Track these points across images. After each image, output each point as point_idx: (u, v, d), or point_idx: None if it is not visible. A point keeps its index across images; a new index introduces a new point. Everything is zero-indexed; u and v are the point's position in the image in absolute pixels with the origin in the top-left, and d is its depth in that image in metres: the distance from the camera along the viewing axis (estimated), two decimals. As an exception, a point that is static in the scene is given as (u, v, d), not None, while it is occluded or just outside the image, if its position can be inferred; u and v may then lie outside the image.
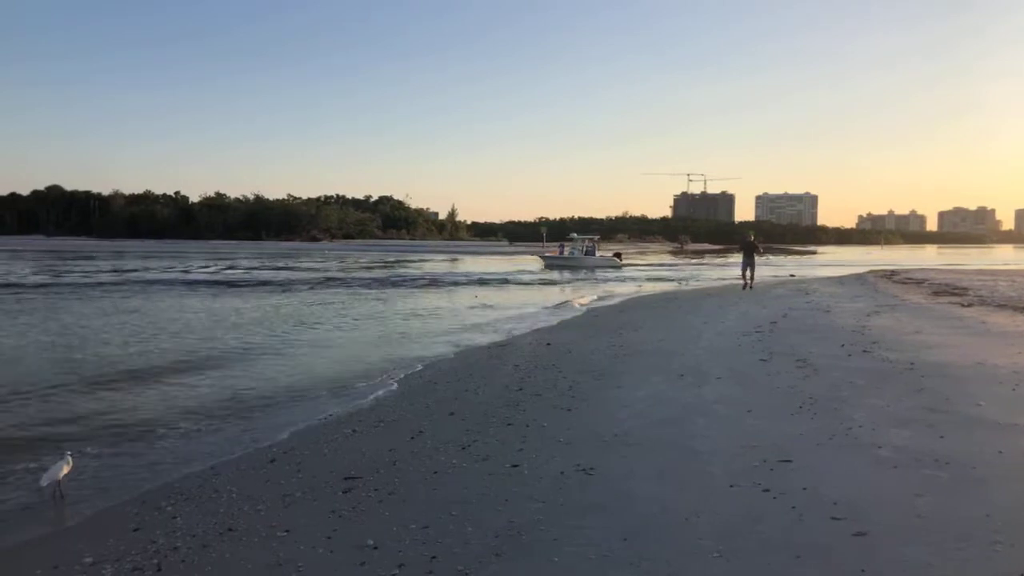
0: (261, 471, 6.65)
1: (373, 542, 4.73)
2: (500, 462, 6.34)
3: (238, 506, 5.67)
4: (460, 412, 8.43)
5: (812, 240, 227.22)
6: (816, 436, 6.64)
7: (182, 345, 15.08)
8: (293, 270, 49.41)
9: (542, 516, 5.02)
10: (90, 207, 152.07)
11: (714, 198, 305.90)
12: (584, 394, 9.07)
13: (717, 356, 11.53)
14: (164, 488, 6.35)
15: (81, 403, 9.85)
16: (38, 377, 11.48)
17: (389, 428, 7.99)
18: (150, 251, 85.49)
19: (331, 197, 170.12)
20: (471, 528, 4.87)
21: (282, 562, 4.54)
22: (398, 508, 5.36)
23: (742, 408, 7.91)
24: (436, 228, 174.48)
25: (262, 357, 13.71)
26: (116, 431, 8.43)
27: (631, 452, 6.48)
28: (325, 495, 5.79)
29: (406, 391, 10.24)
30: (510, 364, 11.73)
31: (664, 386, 9.36)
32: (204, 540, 5.00)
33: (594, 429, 7.32)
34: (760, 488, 5.31)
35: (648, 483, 5.61)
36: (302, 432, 8.24)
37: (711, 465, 5.96)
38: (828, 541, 4.36)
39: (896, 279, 30.03)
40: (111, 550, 4.93)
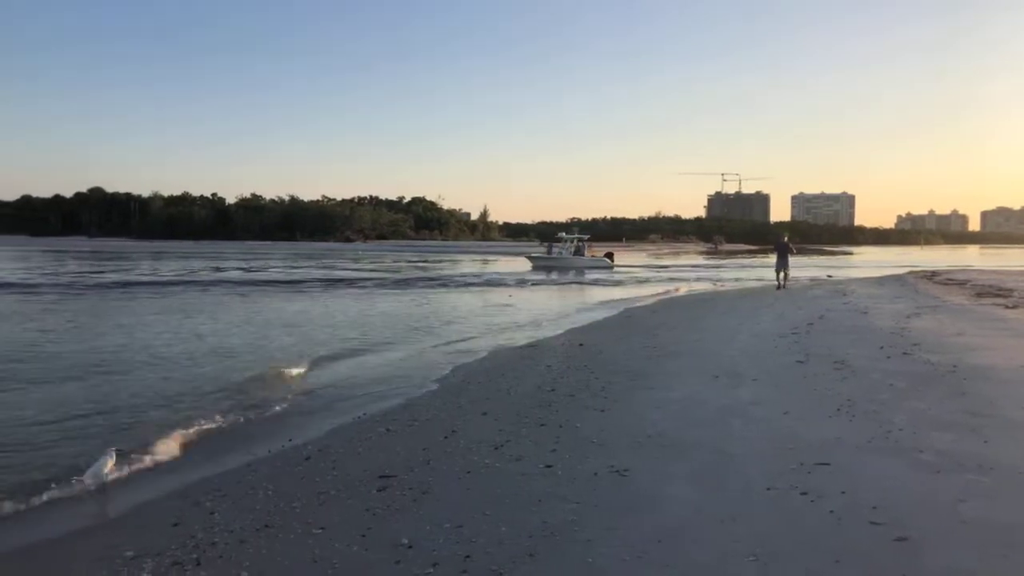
0: (296, 468, 6.72)
1: (407, 541, 4.76)
2: (533, 462, 6.33)
3: (274, 503, 5.74)
4: (493, 412, 8.44)
5: (849, 240, 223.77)
6: (855, 439, 6.53)
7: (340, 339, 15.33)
8: (364, 271, 49.87)
9: (576, 517, 5.00)
10: (130, 209, 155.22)
11: (749, 198, 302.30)
12: (617, 395, 9.02)
13: (753, 357, 11.40)
14: (202, 483, 6.45)
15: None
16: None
17: (423, 427, 8.02)
18: (203, 252, 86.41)
19: (365, 198, 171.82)
20: (505, 528, 4.87)
21: (317, 559, 4.59)
22: (432, 507, 5.38)
23: (778, 410, 7.81)
24: (468, 229, 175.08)
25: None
26: (159, 425, 8.59)
27: (665, 454, 6.43)
28: (360, 493, 5.83)
29: (439, 390, 10.27)
30: (543, 364, 11.71)
31: (699, 387, 9.28)
32: (241, 536, 5.06)
33: (628, 430, 7.28)
34: (797, 491, 5.23)
35: (683, 485, 5.56)
36: (337, 430, 8.31)
37: (747, 467, 5.89)
38: (868, 546, 4.28)
39: (937, 280, 29.41)
40: (151, 544, 5.02)
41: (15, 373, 11.80)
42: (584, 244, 56.87)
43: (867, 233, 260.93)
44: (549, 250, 57.43)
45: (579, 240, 57.22)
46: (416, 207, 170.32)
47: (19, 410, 9.35)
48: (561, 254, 55.59)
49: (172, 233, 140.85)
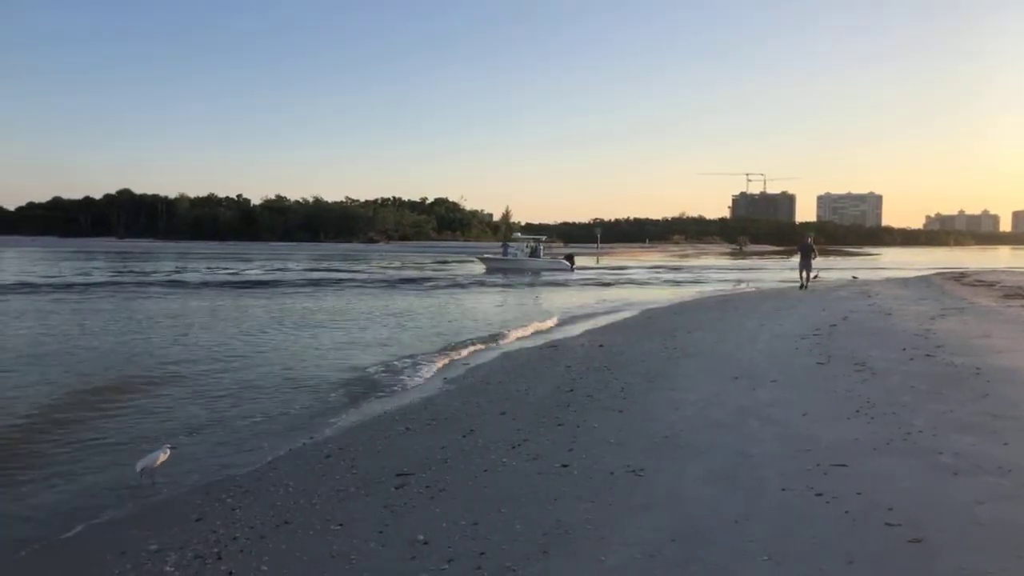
0: (316, 466, 6.82)
1: (424, 537, 4.83)
2: (550, 462, 6.38)
3: (294, 500, 5.85)
4: (511, 412, 8.49)
5: (876, 241, 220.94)
6: (873, 441, 6.49)
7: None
8: (402, 271, 50.28)
9: (591, 516, 5.04)
10: (158, 210, 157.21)
11: (774, 198, 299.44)
12: (636, 396, 9.03)
13: (773, 359, 11.34)
14: (225, 480, 6.58)
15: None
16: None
17: (441, 426, 8.10)
18: (237, 253, 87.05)
19: (387, 199, 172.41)
20: (520, 526, 4.92)
21: (336, 555, 4.67)
22: (449, 505, 5.45)
23: (797, 411, 7.78)
24: (490, 229, 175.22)
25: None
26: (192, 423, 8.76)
27: (682, 454, 6.44)
28: (378, 491, 5.92)
29: (458, 390, 10.35)
30: (562, 365, 11.75)
31: (718, 389, 9.26)
32: (262, 532, 5.17)
33: (645, 431, 7.30)
34: (813, 492, 5.22)
35: (698, 485, 5.58)
36: (356, 428, 8.42)
37: (763, 468, 5.88)
38: (882, 547, 4.27)
39: (965, 281, 28.97)
40: (174, 538, 5.15)
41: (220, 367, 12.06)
42: (540, 245, 52.53)
43: (895, 234, 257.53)
44: (504, 251, 52.92)
45: (535, 240, 52.98)
46: (438, 208, 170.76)
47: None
48: (516, 255, 51.22)
49: (198, 234, 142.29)
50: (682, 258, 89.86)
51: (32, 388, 10.75)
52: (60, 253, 75.27)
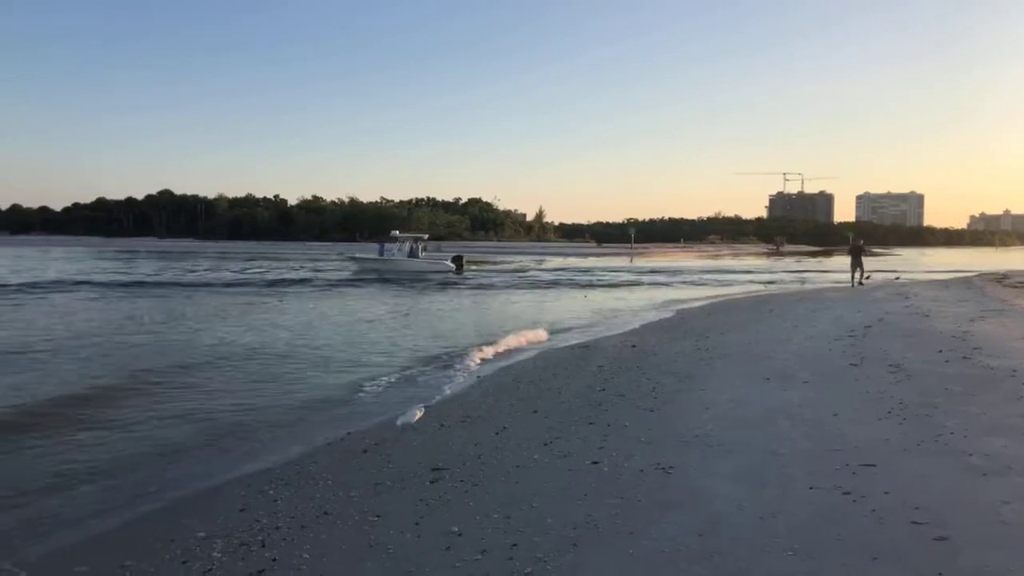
0: (354, 460, 7.05)
1: (458, 529, 5.00)
2: (580, 459, 6.51)
3: (333, 492, 6.07)
4: (543, 410, 8.64)
5: (918, 242, 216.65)
6: (903, 441, 6.52)
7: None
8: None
9: (620, 511, 5.17)
10: (197, 210, 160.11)
11: (812, 198, 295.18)
12: (667, 396, 9.13)
13: (805, 360, 11.34)
14: (266, 472, 6.84)
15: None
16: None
17: (474, 424, 8.28)
18: (275, 252, 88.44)
19: (422, 199, 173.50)
20: (550, 519, 5.07)
21: (373, 544, 4.87)
22: (482, 499, 5.62)
23: (827, 412, 7.81)
24: (523, 230, 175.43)
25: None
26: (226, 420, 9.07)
27: (711, 452, 6.54)
28: (413, 484, 6.12)
29: (491, 388, 10.53)
30: (594, 365, 11.87)
31: (749, 389, 9.31)
32: (303, 522, 5.39)
33: (675, 430, 7.40)
34: (840, 491, 5.29)
35: (727, 483, 5.68)
36: (391, 424, 8.65)
37: (791, 467, 5.96)
38: (907, 544, 4.34)
39: (1007, 283, 28.44)
40: (220, 527, 5.39)
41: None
42: (419, 245, 47.09)
43: (937, 234, 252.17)
44: (381, 251, 46.80)
45: (415, 240, 47.38)
46: (472, 208, 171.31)
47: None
48: (393, 255, 45.92)
49: (236, 234, 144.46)
50: (717, 258, 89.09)
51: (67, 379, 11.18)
52: (105, 252, 77.18)
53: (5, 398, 10.01)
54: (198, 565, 4.72)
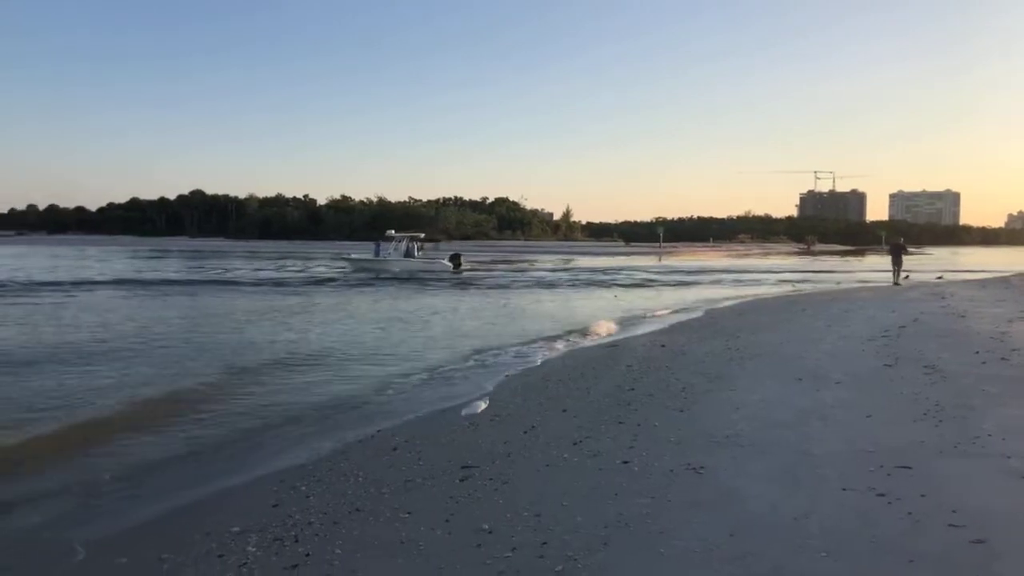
0: (384, 458, 7.11)
1: (488, 527, 5.03)
2: (610, 458, 6.50)
3: (364, 489, 6.12)
4: (572, 409, 8.64)
5: (953, 241, 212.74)
6: (939, 443, 6.42)
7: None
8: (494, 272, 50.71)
9: (650, 510, 5.15)
10: (228, 210, 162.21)
11: (843, 196, 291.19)
12: (697, 396, 9.07)
13: (838, 360, 11.20)
14: (299, 468, 6.92)
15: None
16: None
17: (504, 422, 8.31)
18: (305, 252, 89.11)
19: (449, 199, 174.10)
20: (580, 518, 5.07)
21: (405, 541, 4.91)
22: (511, 497, 5.64)
23: (861, 413, 7.72)
24: (550, 229, 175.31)
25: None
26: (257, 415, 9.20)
27: (742, 453, 6.49)
28: (443, 482, 6.15)
29: (519, 387, 10.54)
30: (623, 364, 11.83)
31: (780, 389, 9.23)
32: (335, 518, 5.45)
33: (706, 430, 7.35)
34: (875, 493, 5.23)
35: (758, 483, 5.63)
36: (421, 422, 8.71)
37: (824, 468, 5.90)
38: (944, 547, 4.28)
39: (1047, 283, 27.80)
40: (254, 521, 5.47)
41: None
42: (415, 244, 46.73)
43: (973, 233, 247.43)
44: (377, 250, 46.42)
45: (411, 239, 46.86)
46: (499, 208, 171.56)
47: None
48: (390, 255, 45.41)
49: (266, 233, 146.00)
50: (746, 258, 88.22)
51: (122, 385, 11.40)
52: (140, 251, 78.54)
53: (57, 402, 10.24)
54: (234, 559, 4.79)
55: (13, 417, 8.97)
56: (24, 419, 8.89)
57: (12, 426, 8.58)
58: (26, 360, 13.04)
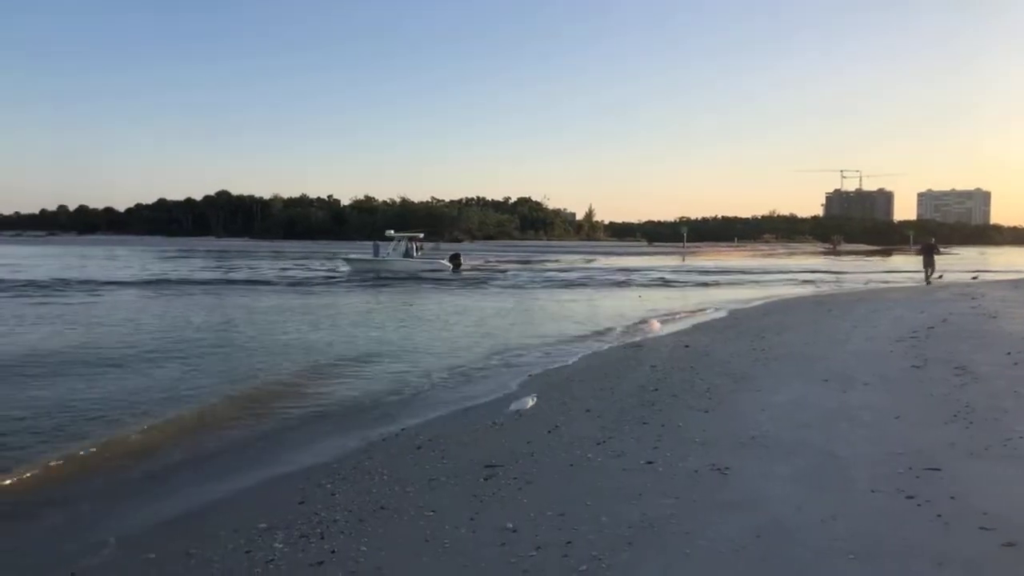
0: (408, 456, 7.15)
1: (512, 525, 5.03)
2: (634, 458, 6.48)
3: (389, 487, 6.16)
4: (596, 410, 8.62)
5: (984, 240, 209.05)
6: (970, 446, 6.32)
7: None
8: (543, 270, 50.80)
9: (675, 511, 5.13)
10: (253, 210, 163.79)
11: (870, 196, 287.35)
12: (722, 396, 9.01)
13: (865, 361, 11.07)
14: (324, 466, 6.99)
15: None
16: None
17: (527, 422, 8.31)
18: (330, 252, 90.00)
19: (472, 199, 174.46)
20: (605, 518, 5.06)
21: (429, 539, 4.93)
22: (535, 496, 5.64)
23: (889, 415, 7.62)
24: (573, 229, 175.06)
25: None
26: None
27: (768, 454, 6.44)
28: (467, 481, 6.17)
29: (543, 387, 10.54)
30: (647, 365, 11.78)
31: (806, 390, 9.14)
32: (360, 515, 5.49)
33: (731, 430, 7.30)
34: (903, 495, 5.16)
35: (784, 484, 5.59)
36: (445, 421, 8.75)
37: (852, 470, 5.83)
38: (974, 550, 4.21)
39: (1080, 283, 27.25)
40: (281, 518, 5.53)
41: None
42: (413, 244, 46.65)
43: (1004, 232, 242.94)
44: (376, 251, 46.46)
45: (410, 239, 46.80)
46: (522, 207, 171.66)
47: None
48: (389, 255, 45.48)
49: (290, 233, 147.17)
50: (771, 257, 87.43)
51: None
52: (166, 251, 79.58)
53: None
54: (261, 555, 4.84)
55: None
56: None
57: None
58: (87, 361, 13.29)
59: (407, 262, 44.46)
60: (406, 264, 44.15)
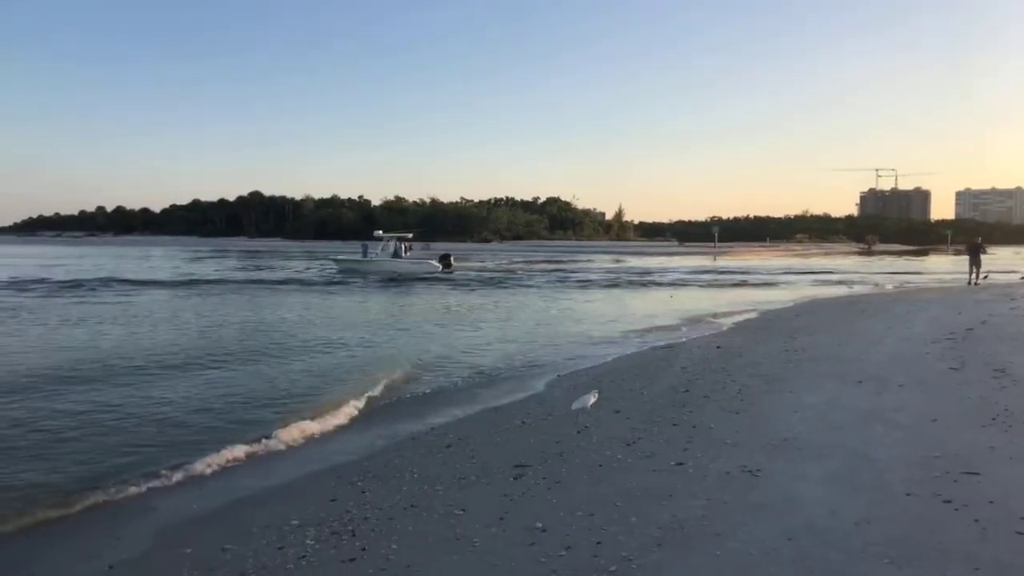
0: (438, 455, 7.19)
1: (541, 525, 5.04)
2: (664, 460, 6.45)
3: (419, 485, 6.20)
4: (625, 411, 8.59)
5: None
6: (1009, 449, 6.19)
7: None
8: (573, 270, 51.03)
9: (705, 512, 5.10)
10: (285, 211, 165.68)
11: (906, 195, 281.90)
12: (753, 398, 8.93)
13: (901, 363, 10.89)
14: (355, 464, 7.05)
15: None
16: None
17: (556, 422, 8.31)
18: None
19: (501, 199, 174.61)
20: (635, 519, 5.04)
21: (459, 537, 4.95)
22: (565, 496, 5.64)
23: (926, 417, 7.49)
24: (602, 229, 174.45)
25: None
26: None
27: (800, 456, 6.36)
28: (497, 480, 6.19)
29: (571, 387, 10.53)
30: (677, 366, 11.71)
31: (840, 392, 9.01)
32: (390, 513, 5.53)
33: (762, 432, 7.23)
34: (940, 499, 5.07)
35: (817, 487, 5.52)
36: (475, 420, 8.78)
37: (887, 473, 5.75)
38: (1012, 555, 4.13)
39: (1125, 284, 26.51)
40: (312, 515, 5.60)
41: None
42: (402, 245, 45.76)
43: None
44: (364, 252, 45.95)
45: (399, 239, 45.95)
46: (551, 207, 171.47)
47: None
48: (377, 255, 44.95)
49: (322, 233, 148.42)
50: (804, 257, 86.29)
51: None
52: (200, 251, 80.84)
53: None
54: (293, 551, 4.91)
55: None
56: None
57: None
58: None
59: (395, 262, 44.01)
60: (394, 265, 43.70)
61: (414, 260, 45.27)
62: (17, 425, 8.66)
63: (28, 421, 8.83)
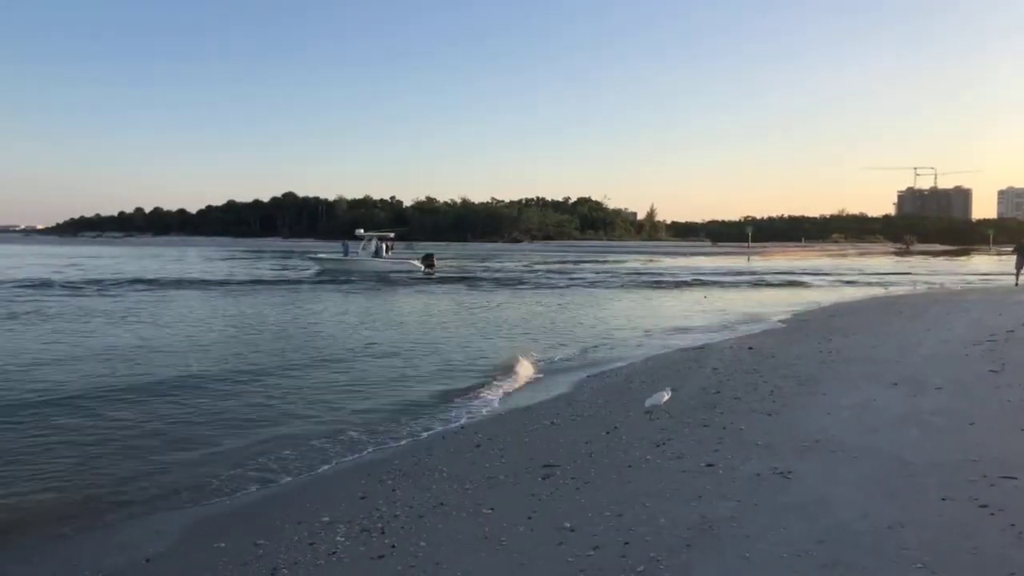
0: (467, 454, 7.23)
1: (570, 525, 5.04)
2: (694, 461, 6.41)
3: (448, 484, 6.24)
4: (655, 411, 8.55)
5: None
6: (1050, 454, 6.05)
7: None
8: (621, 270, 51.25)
9: (735, 514, 5.05)
10: (318, 211, 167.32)
11: (946, 193, 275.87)
12: (786, 399, 8.83)
13: (938, 365, 10.68)
14: (385, 462, 7.12)
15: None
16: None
17: (586, 422, 8.30)
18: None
19: (531, 199, 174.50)
20: (663, 520, 5.02)
21: (487, 536, 4.98)
22: (593, 496, 5.63)
23: (963, 420, 7.34)
24: (634, 228, 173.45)
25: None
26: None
27: (833, 458, 6.28)
28: (526, 479, 6.20)
29: (601, 388, 10.51)
30: (708, 367, 11.62)
31: (875, 394, 8.87)
32: (419, 511, 5.58)
33: (794, 434, 7.15)
34: (976, 503, 4.97)
35: (850, 490, 5.44)
36: (504, 419, 8.80)
37: (922, 476, 5.64)
38: (1052, 562, 4.04)
39: None
40: (343, 513, 5.67)
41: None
42: (383, 244, 45.76)
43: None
44: (346, 251, 45.60)
45: (380, 238, 46.12)
46: (582, 207, 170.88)
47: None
48: (357, 255, 44.82)
49: (354, 234, 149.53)
50: (840, 258, 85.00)
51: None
52: (234, 250, 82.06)
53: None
54: (324, 547, 4.97)
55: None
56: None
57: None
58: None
59: (376, 262, 43.78)
60: (375, 264, 43.43)
61: (395, 260, 45.08)
62: (126, 426, 8.89)
63: (141, 422, 9.08)
